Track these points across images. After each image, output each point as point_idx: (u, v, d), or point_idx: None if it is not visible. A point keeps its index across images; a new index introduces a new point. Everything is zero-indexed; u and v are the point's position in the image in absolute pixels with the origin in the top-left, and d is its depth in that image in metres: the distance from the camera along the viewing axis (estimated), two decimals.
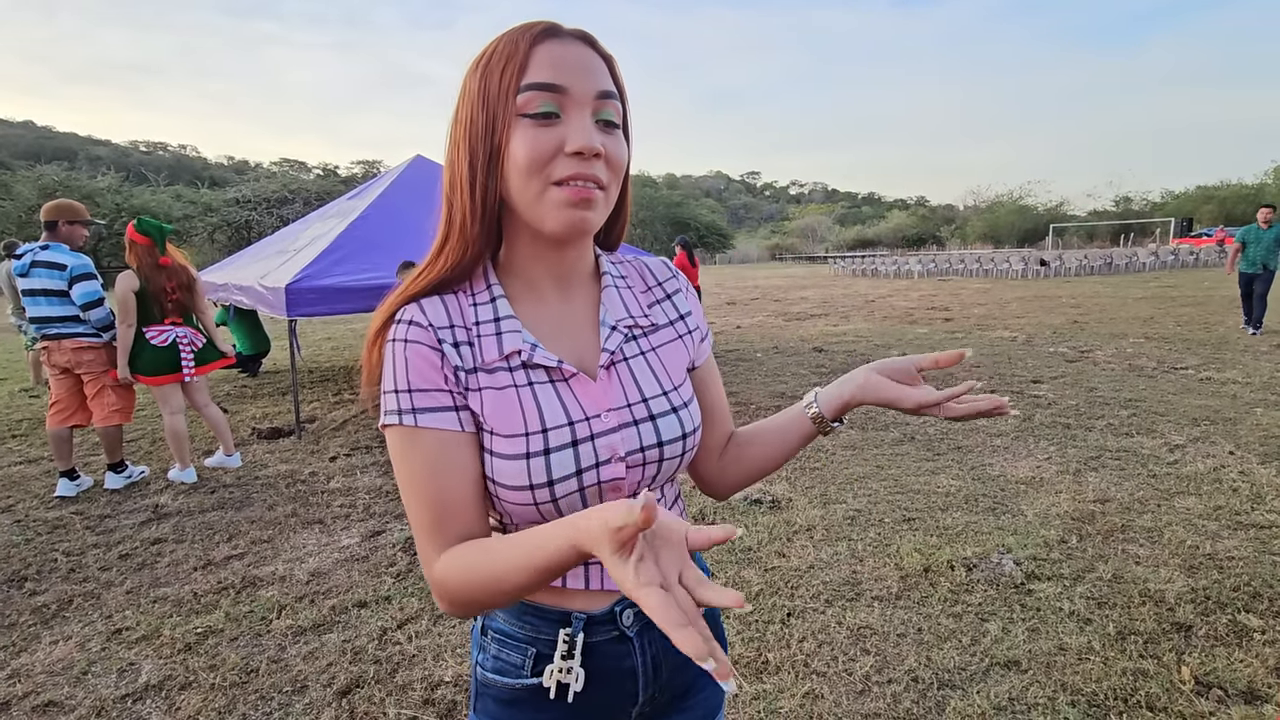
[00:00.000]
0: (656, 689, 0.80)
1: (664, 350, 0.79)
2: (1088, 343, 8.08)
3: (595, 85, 0.67)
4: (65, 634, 2.47)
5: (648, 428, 0.72)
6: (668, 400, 0.75)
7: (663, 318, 0.81)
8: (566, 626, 0.74)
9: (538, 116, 0.65)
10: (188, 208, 35.21)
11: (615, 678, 0.77)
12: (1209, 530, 2.97)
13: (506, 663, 0.77)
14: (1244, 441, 4.13)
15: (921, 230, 62.88)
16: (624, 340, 0.76)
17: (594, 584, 0.75)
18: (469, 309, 0.72)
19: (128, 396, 3.96)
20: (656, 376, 0.76)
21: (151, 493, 3.91)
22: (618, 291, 0.78)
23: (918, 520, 3.18)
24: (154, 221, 3.95)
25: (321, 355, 9.33)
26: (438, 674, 2.16)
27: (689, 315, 0.83)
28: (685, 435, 0.75)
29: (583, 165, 0.65)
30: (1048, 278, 20.80)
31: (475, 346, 0.71)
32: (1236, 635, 2.22)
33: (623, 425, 0.71)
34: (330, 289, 5.03)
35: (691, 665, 0.83)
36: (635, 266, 0.84)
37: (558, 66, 0.65)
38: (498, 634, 0.78)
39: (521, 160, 0.65)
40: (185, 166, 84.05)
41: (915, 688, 2.03)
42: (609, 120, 0.68)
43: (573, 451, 0.68)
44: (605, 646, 0.76)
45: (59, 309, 3.68)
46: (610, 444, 0.70)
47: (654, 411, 0.73)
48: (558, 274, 0.75)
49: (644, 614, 0.74)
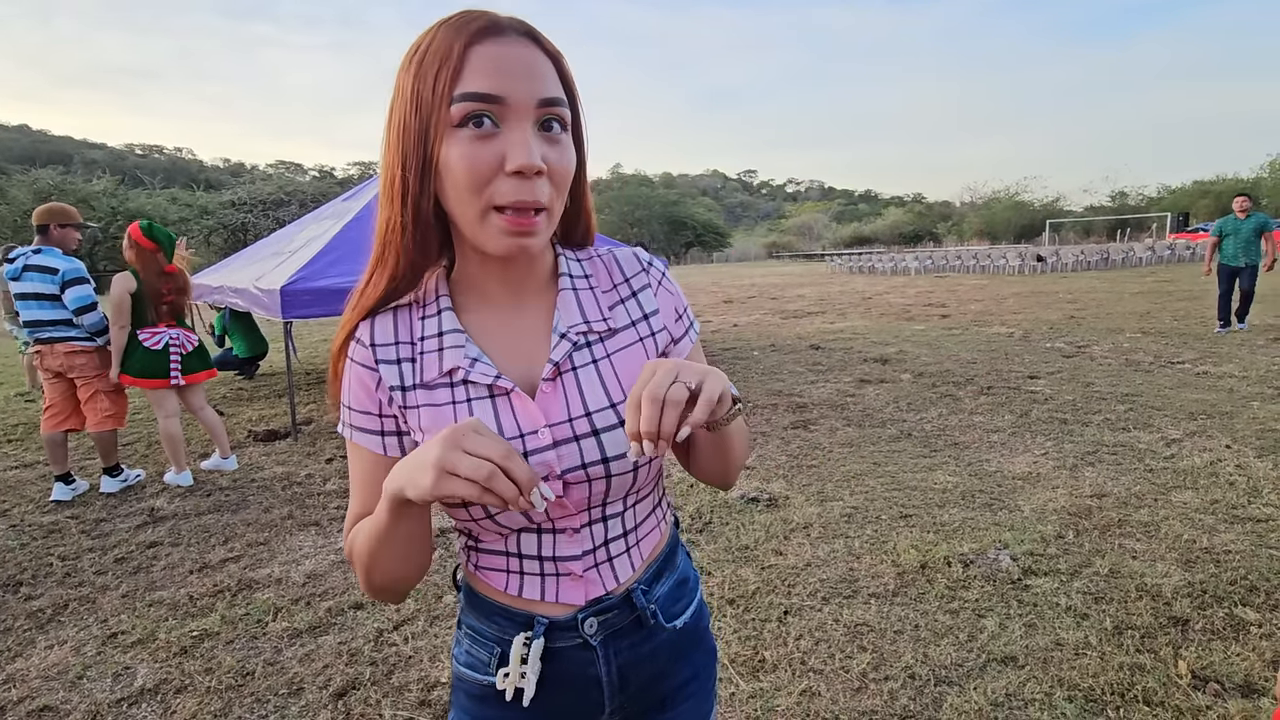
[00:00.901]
0: (625, 699, 0.78)
1: (620, 356, 0.73)
2: (1084, 338, 8.08)
3: (537, 92, 0.61)
4: (60, 638, 2.46)
5: (590, 443, 0.68)
6: (615, 413, 0.69)
7: (624, 319, 0.74)
8: (529, 630, 0.73)
9: (469, 126, 0.60)
10: (184, 210, 35.17)
11: (579, 685, 0.76)
12: (1206, 524, 2.97)
13: (476, 658, 0.77)
14: (1240, 435, 4.14)
15: (918, 227, 62.95)
16: (574, 348, 0.71)
17: (549, 596, 0.73)
18: (417, 323, 0.71)
19: (121, 401, 3.95)
20: (606, 387, 0.70)
21: (147, 496, 3.90)
22: (575, 294, 0.74)
23: (914, 517, 3.18)
24: (164, 229, 3.99)
25: (317, 357, 9.32)
26: (434, 675, 2.16)
27: (654, 315, 0.76)
28: None
29: (523, 187, 0.60)
30: (1044, 273, 20.83)
31: (417, 363, 0.69)
32: (1233, 629, 2.22)
33: (561, 441, 0.67)
34: (326, 290, 5.02)
35: (667, 678, 0.81)
36: (605, 262, 0.78)
37: (496, 72, 0.59)
38: (470, 629, 0.78)
39: (459, 178, 0.60)
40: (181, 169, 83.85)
41: (912, 684, 2.02)
42: (551, 124, 0.63)
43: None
44: (568, 653, 0.74)
45: (51, 313, 3.67)
46: (545, 461, 0.67)
47: (598, 426, 0.68)
48: (509, 282, 0.72)
49: (608, 623, 0.75)
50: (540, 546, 0.72)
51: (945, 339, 8.60)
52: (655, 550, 0.80)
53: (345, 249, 5.53)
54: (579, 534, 0.72)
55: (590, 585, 0.74)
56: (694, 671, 0.83)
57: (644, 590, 0.77)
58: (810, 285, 20.42)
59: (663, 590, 0.80)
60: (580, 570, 0.73)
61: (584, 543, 0.72)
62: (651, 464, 0.74)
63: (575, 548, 0.72)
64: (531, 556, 0.73)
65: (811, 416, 5.04)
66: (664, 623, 0.79)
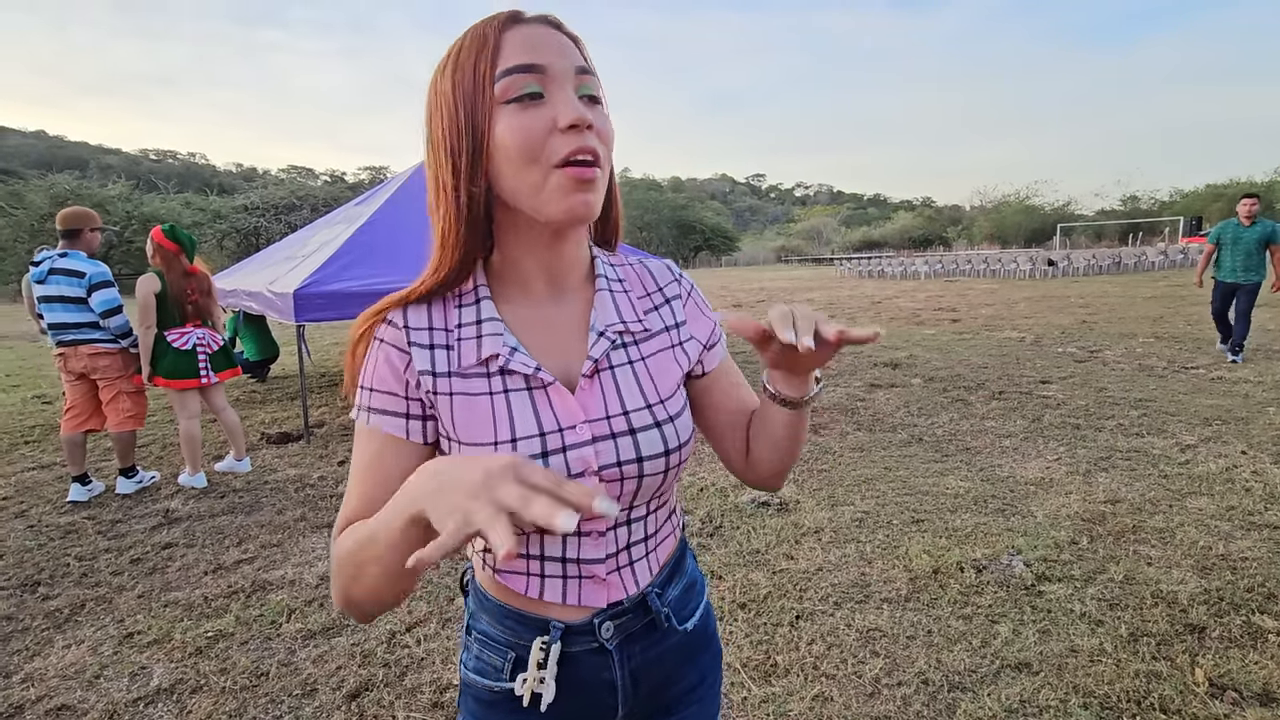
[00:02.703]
0: (636, 703, 0.78)
1: (655, 360, 0.74)
2: (1097, 343, 8.02)
3: (573, 61, 0.64)
4: (78, 638, 2.49)
5: (626, 442, 0.69)
6: (651, 414, 0.71)
7: (658, 324, 0.77)
8: (545, 634, 0.73)
9: (521, 99, 0.62)
10: (197, 215, 35.46)
11: (593, 689, 0.76)
12: (1222, 531, 2.94)
13: (487, 664, 0.76)
14: (1257, 441, 4.09)
15: (928, 231, 62.62)
16: (611, 347, 0.72)
17: (570, 599, 0.73)
18: (453, 310, 0.71)
19: (142, 402, 4.00)
20: (642, 388, 0.72)
21: (162, 497, 3.94)
22: (612, 295, 0.75)
23: (926, 522, 3.17)
24: (186, 232, 4.13)
25: (329, 360, 9.38)
26: (446, 677, 2.17)
27: (683, 325, 0.78)
28: (668, 452, 0.71)
29: (580, 138, 0.62)
30: (1056, 278, 20.68)
31: (454, 350, 0.69)
32: (1251, 637, 2.19)
33: (599, 438, 0.68)
34: (338, 294, 5.06)
35: (676, 682, 0.81)
36: (636, 270, 0.80)
37: (532, 47, 0.63)
38: (480, 635, 0.77)
39: (513, 148, 0.62)
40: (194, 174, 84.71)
41: (925, 690, 2.01)
42: (592, 95, 0.65)
43: (541, 464, 0.64)
44: (584, 657, 0.74)
45: (76, 315, 3.73)
46: (584, 457, 0.67)
47: (635, 425, 0.69)
48: (551, 273, 0.72)
49: (624, 626, 0.75)
50: (565, 548, 0.72)
51: (956, 344, 8.55)
52: (669, 555, 0.81)
53: (357, 253, 5.57)
54: (604, 537, 0.72)
55: (612, 589, 0.74)
56: (701, 675, 0.84)
57: (658, 593, 0.78)
58: (819, 289, 20.37)
59: (674, 593, 0.80)
60: (604, 574, 0.73)
61: (609, 545, 0.73)
62: (679, 468, 0.74)
63: (600, 550, 0.72)
64: (554, 559, 0.72)
65: (822, 421, 5.03)
66: (676, 625, 0.79)
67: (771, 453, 0.77)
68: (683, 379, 0.77)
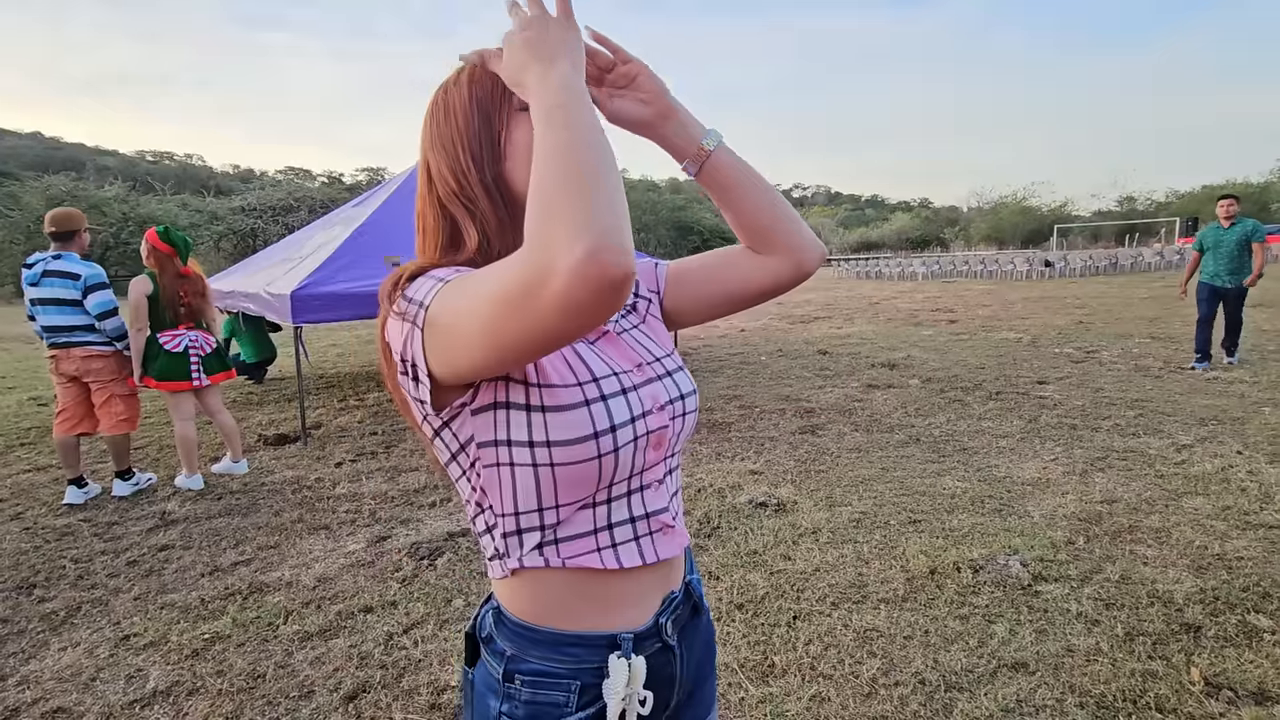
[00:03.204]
0: (683, 691, 0.80)
1: (647, 324, 0.83)
2: (1093, 343, 8.05)
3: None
4: (74, 640, 2.48)
5: (669, 382, 0.76)
6: (672, 360, 0.79)
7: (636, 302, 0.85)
8: (615, 649, 0.70)
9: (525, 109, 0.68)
10: (194, 216, 35.41)
11: (660, 688, 0.76)
12: (1217, 530, 2.95)
13: (545, 704, 0.70)
14: (1252, 441, 4.11)
15: (925, 232, 62.74)
16: (620, 316, 0.81)
17: (649, 557, 0.72)
18: None
19: (134, 405, 3.99)
20: (651, 344, 0.80)
21: (159, 499, 3.93)
22: None
23: (924, 522, 3.17)
24: (181, 234, 4.14)
25: (327, 362, 9.36)
26: (444, 679, 2.16)
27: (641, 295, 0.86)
28: (695, 391, 0.80)
29: None
30: (1052, 278, 20.73)
31: None
32: (1246, 636, 2.20)
33: (652, 379, 0.74)
34: (335, 295, 5.05)
35: (703, 662, 0.84)
36: None
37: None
38: (530, 676, 0.71)
39: (527, 150, 0.66)
40: (191, 175, 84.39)
41: (922, 690, 2.02)
42: None
43: (624, 399, 0.69)
44: (652, 660, 0.74)
45: (70, 318, 3.71)
46: (652, 393, 0.73)
47: (668, 369, 0.77)
48: None
49: (678, 620, 0.77)
50: (632, 507, 0.72)
51: (953, 344, 8.57)
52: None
53: (355, 255, 5.57)
54: (662, 485, 0.75)
55: (679, 535, 0.77)
56: (711, 650, 0.88)
57: (696, 579, 0.83)
58: (817, 290, 20.39)
59: (694, 576, 0.85)
60: (671, 519, 0.76)
61: (667, 492, 0.76)
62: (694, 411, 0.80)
63: (663, 499, 0.75)
64: (624, 521, 0.71)
65: (819, 421, 5.03)
66: (704, 606, 0.84)
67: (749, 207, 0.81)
68: (673, 337, 0.87)
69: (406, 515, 3.53)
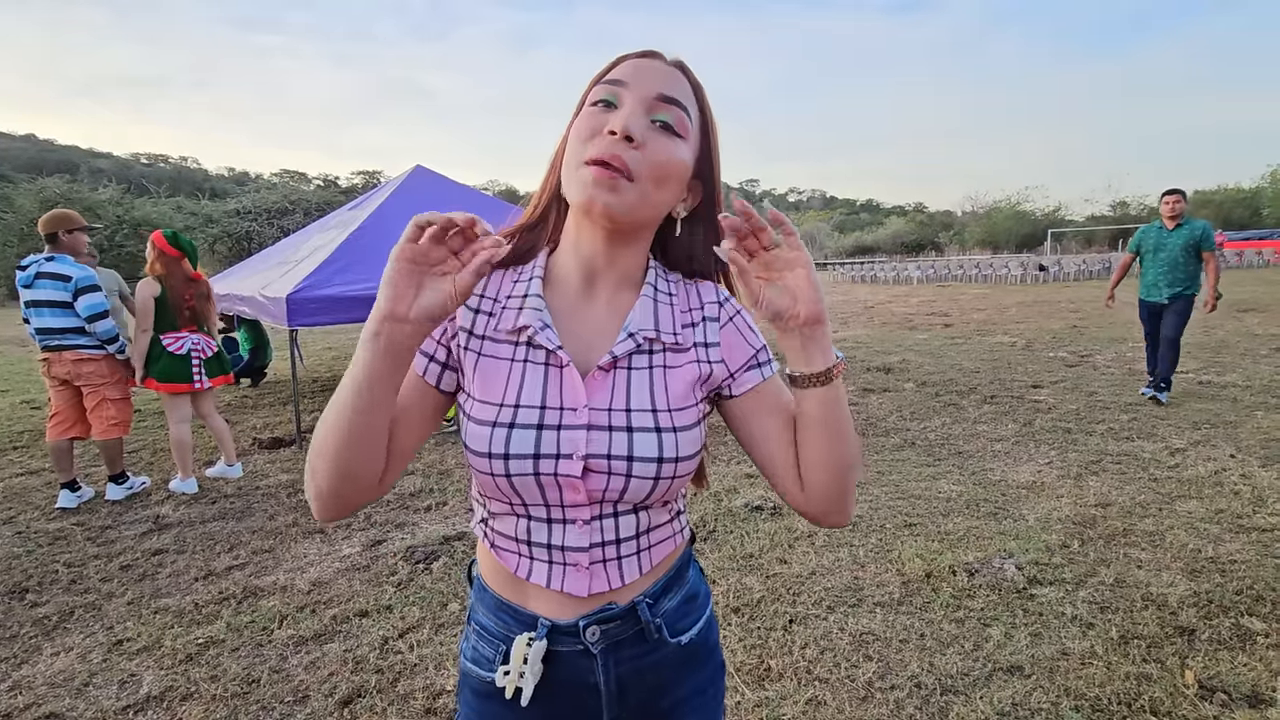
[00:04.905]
0: (623, 710, 0.79)
1: (676, 372, 0.75)
2: (1088, 347, 8.09)
3: (659, 88, 0.71)
4: (66, 645, 2.46)
5: (621, 437, 0.70)
6: (654, 418, 0.71)
7: (689, 340, 0.77)
8: (533, 630, 0.75)
9: (597, 104, 0.71)
10: (188, 219, 35.25)
11: (576, 691, 0.77)
12: (1211, 534, 2.97)
13: (481, 655, 0.79)
14: (1245, 445, 4.13)
15: (920, 236, 63.04)
16: (636, 350, 0.74)
17: (554, 585, 0.74)
18: (508, 284, 0.78)
19: (126, 409, 3.97)
20: (653, 392, 0.73)
21: (152, 503, 3.91)
22: (655, 304, 0.77)
23: (919, 526, 3.18)
24: (188, 238, 4.20)
25: (323, 365, 9.34)
26: (439, 683, 2.16)
27: (714, 346, 0.77)
28: (662, 460, 0.70)
29: (612, 145, 0.68)
30: (1046, 283, 20.84)
31: (495, 318, 0.76)
32: (1240, 639, 2.21)
33: (595, 426, 0.70)
34: (331, 299, 5.04)
35: (669, 693, 0.81)
36: (688, 288, 0.82)
37: (632, 71, 0.72)
38: (478, 626, 0.81)
39: (572, 137, 0.72)
40: (186, 178, 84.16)
41: (918, 694, 2.02)
42: (664, 122, 0.71)
43: (535, 434, 0.69)
44: (569, 658, 0.76)
45: (62, 320, 3.69)
46: (574, 440, 0.69)
47: (634, 424, 0.70)
48: (589, 271, 0.78)
49: (610, 632, 0.76)
50: (550, 535, 0.74)
51: (948, 348, 8.60)
52: (667, 561, 0.81)
53: (351, 257, 5.56)
54: (588, 526, 0.73)
55: (595, 579, 0.75)
56: (699, 686, 0.83)
57: (649, 604, 0.78)
58: None
59: (670, 604, 0.80)
60: (586, 562, 0.74)
61: (592, 535, 0.74)
62: (674, 481, 0.73)
63: (583, 539, 0.74)
64: (540, 544, 0.75)
65: None
66: (669, 638, 0.79)
67: (817, 457, 0.72)
68: (703, 398, 0.77)
69: (401, 519, 3.52)
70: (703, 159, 0.77)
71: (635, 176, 0.68)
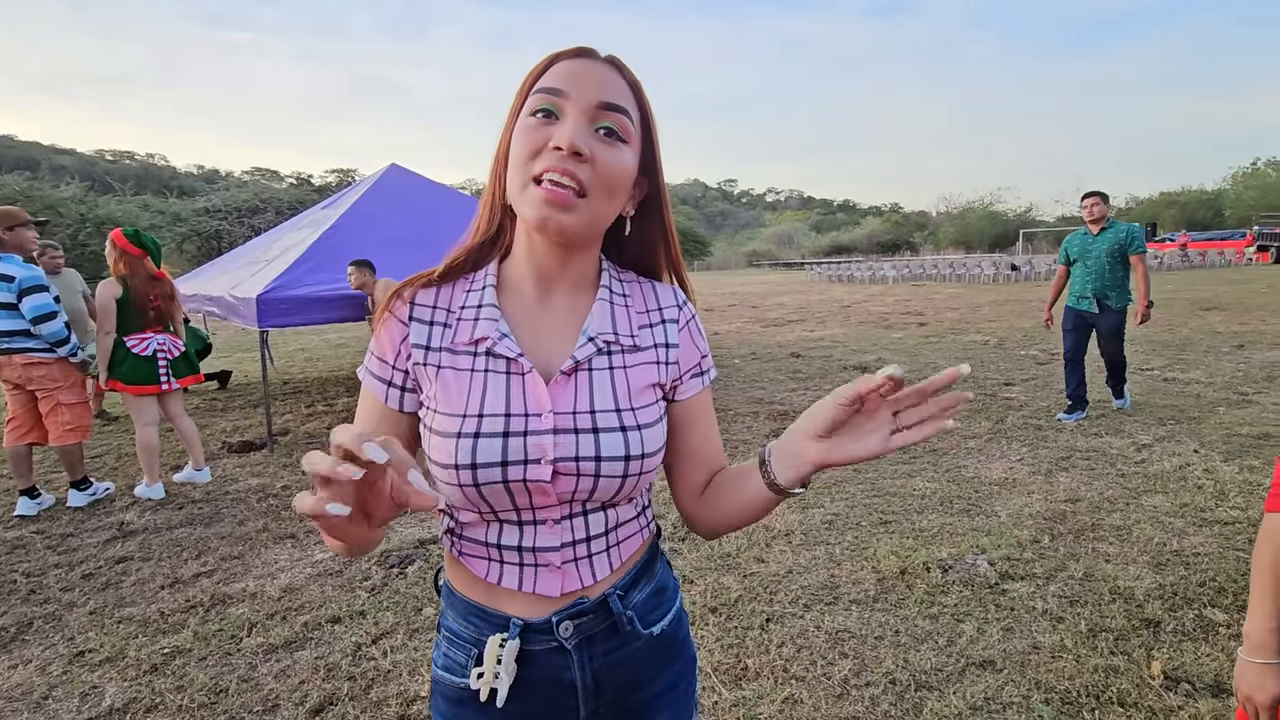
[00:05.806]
0: (600, 705, 0.79)
1: (636, 371, 0.77)
2: (1057, 345, 8.22)
3: (600, 95, 0.69)
4: (24, 657, 2.38)
5: (588, 439, 0.71)
6: (619, 417, 0.73)
7: (648, 341, 0.79)
8: (504, 631, 0.75)
9: (536, 115, 0.69)
10: (155, 217, 34.40)
11: (552, 689, 0.77)
12: (1175, 528, 3.04)
13: (453, 661, 0.78)
14: (1208, 440, 4.24)
15: (895, 236, 63.88)
16: (596, 352, 0.75)
17: (526, 587, 0.75)
18: (461, 294, 0.77)
19: (84, 413, 3.84)
20: (615, 392, 0.74)
21: (117, 510, 3.80)
22: (611, 307, 0.78)
23: (894, 523, 3.21)
24: (151, 236, 4.05)
25: (294, 366, 9.18)
26: (413, 689, 2.13)
27: (673, 348, 0.80)
28: (629, 457, 0.72)
29: (561, 162, 0.67)
30: (1018, 282, 21.22)
31: (451, 329, 0.75)
32: (1203, 630, 2.27)
33: (561, 430, 0.70)
34: (303, 299, 4.96)
35: (643, 687, 0.82)
36: (643, 289, 0.83)
37: (568, 75, 0.70)
38: (448, 632, 0.80)
39: (514, 153, 0.70)
40: (153, 175, 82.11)
41: (893, 690, 2.04)
42: (609, 129, 0.70)
43: (501, 442, 0.69)
44: (543, 656, 0.76)
45: (8, 323, 3.53)
46: (541, 445, 0.69)
47: (599, 425, 0.72)
48: (542, 277, 0.77)
49: (583, 627, 0.76)
50: (521, 537, 0.74)
51: (923, 346, 8.72)
52: (635, 555, 0.82)
53: (323, 257, 5.47)
54: (558, 525, 0.74)
55: (567, 578, 0.75)
56: (672, 681, 0.84)
57: (620, 595, 0.79)
58: (790, 294, 20.59)
59: (640, 596, 0.81)
60: (558, 562, 0.74)
61: (563, 535, 0.74)
62: (641, 477, 0.75)
63: (554, 539, 0.74)
64: (511, 547, 0.75)
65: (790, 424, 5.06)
66: (640, 629, 0.80)
67: (732, 516, 0.80)
68: (660, 396, 0.79)
69: None
70: (646, 155, 0.76)
71: (587, 191, 0.69)
